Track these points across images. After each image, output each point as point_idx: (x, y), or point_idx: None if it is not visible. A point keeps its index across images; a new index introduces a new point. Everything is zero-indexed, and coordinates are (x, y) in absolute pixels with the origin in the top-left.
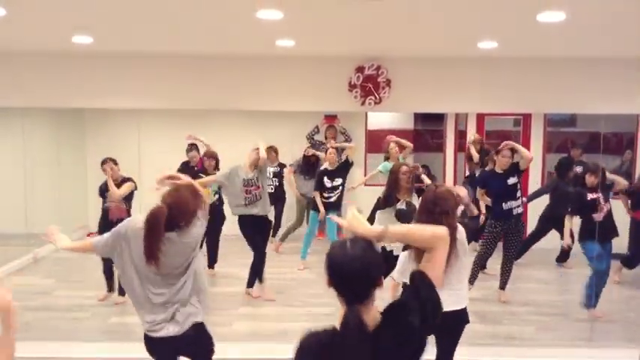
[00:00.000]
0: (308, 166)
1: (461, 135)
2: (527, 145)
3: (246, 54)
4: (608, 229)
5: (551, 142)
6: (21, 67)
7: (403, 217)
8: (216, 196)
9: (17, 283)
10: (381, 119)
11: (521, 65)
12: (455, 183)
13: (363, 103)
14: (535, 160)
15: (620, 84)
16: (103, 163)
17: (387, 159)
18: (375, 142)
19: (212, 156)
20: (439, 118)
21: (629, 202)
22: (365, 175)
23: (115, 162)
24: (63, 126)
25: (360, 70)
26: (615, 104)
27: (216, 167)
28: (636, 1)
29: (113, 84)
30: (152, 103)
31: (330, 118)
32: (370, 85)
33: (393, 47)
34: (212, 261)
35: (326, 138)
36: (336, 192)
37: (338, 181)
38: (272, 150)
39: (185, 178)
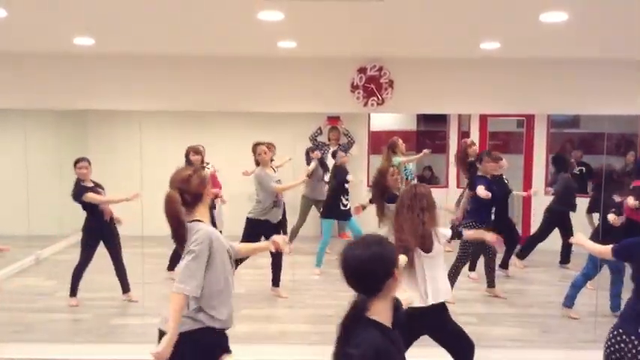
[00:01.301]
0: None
1: (464, 136)
2: (530, 146)
3: (248, 55)
4: None
5: (554, 143)
6: (22, 69)
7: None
8: None
9: (19, 285)
10: (383, 120)
11: (524, 66)
12: (458, 184)
13: (365, 104)
14: (539, 161)
15: (624, 85)
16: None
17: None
18: (378, 143)
19: (198, 152)
20: (442, 119)
21: None
22: (368, 177)
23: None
24: (65, 127)
25: (362, 71)
26: (618, 105)
27: (202, 162)
28: (639, 1)
29: (115, 85)
30: (154, 104)
31: (333, 120)
32: (373, 86)
33: (396, 48)
34: None
35: (329, 139)
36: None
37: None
38: (272, 146)
39: None
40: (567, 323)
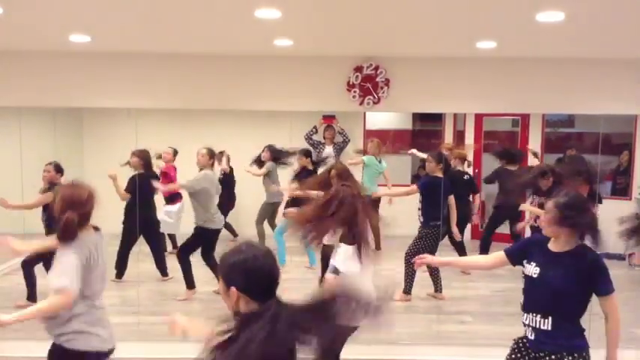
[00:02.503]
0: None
1: (459, 135)
2: (525, 146)
3: (244, 53)
4: None
5: (549, 142)
6: (17, 66)
7: None
8: None
9: (15, 283)
10: (379, 119)
11: (519, 65)
12: None
13: (361, 103)
14: (533, 160)
15: (619, 84)
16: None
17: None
18: None
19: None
20: (437, 118)
21: None
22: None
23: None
24: (60, 126)
25: (358, 69)
26: (614, 105)
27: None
28: (636, 0)
29: (110, 83)
30: (150, 102)
31: (329, 119)
32: (369, 84)
33: (392, 47)
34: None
35: (324, 138)
36: None
37: None
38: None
39: None
40: None
